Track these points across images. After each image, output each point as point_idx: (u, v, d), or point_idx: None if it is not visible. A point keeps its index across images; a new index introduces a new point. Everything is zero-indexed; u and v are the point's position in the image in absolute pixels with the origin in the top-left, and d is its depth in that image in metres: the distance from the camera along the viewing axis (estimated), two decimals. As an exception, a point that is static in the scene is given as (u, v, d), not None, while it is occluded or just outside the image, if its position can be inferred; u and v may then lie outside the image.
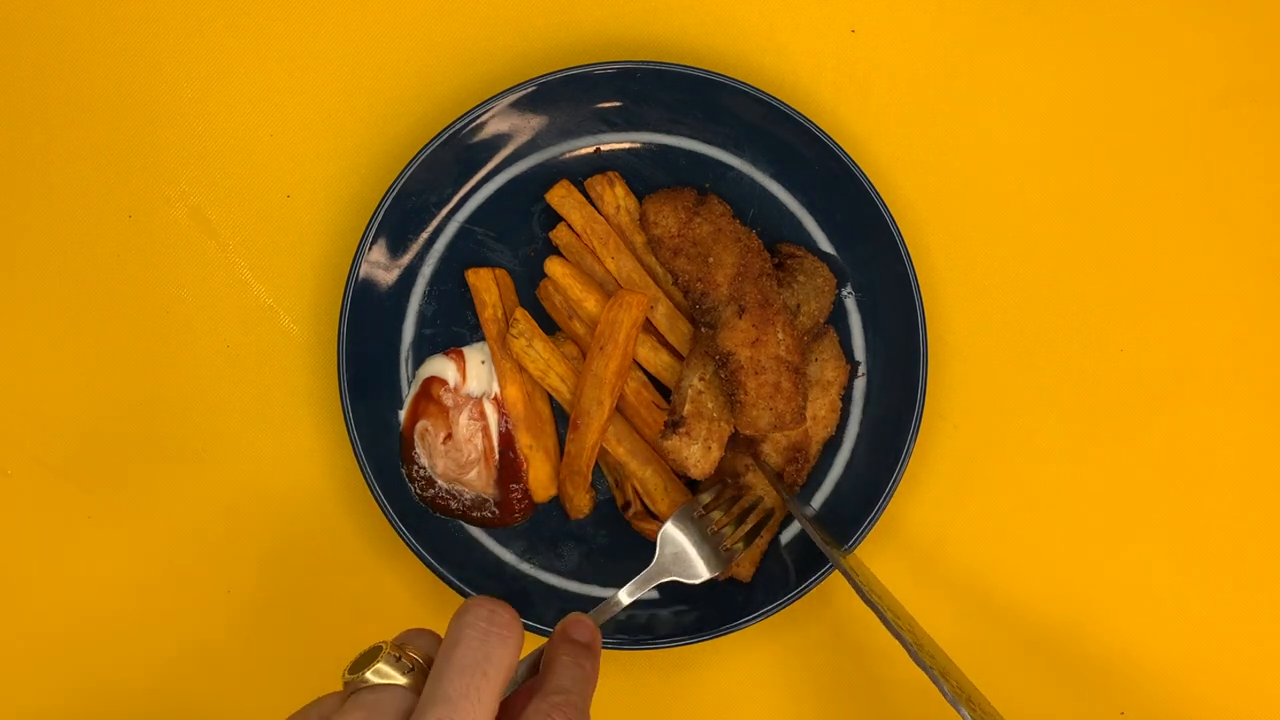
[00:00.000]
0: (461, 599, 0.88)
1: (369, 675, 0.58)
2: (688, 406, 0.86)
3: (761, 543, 0.89)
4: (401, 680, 0.58)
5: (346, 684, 0.59)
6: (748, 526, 0.87)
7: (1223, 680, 0.92)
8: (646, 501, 0.90)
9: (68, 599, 0.93)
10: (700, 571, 0.84)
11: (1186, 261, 0.94)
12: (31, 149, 0.93)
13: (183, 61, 0.93)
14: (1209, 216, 0.94)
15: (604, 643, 0.87)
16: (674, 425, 0.85)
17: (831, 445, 0.90)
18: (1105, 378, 0.94)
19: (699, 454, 0.85)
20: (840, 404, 0.90)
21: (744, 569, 0.89)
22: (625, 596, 0.80)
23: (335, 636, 0.92)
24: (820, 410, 0.89)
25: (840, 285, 0.90)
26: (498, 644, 0.57)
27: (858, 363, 0.90)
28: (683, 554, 0.84)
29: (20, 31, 0.93)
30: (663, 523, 0.85)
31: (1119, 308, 0.94)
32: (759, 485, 0.89)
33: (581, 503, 0.90)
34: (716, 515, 0.87)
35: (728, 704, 0.93)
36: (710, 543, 0.85)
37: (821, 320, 0.89)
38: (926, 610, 0.87)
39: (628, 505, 0.91)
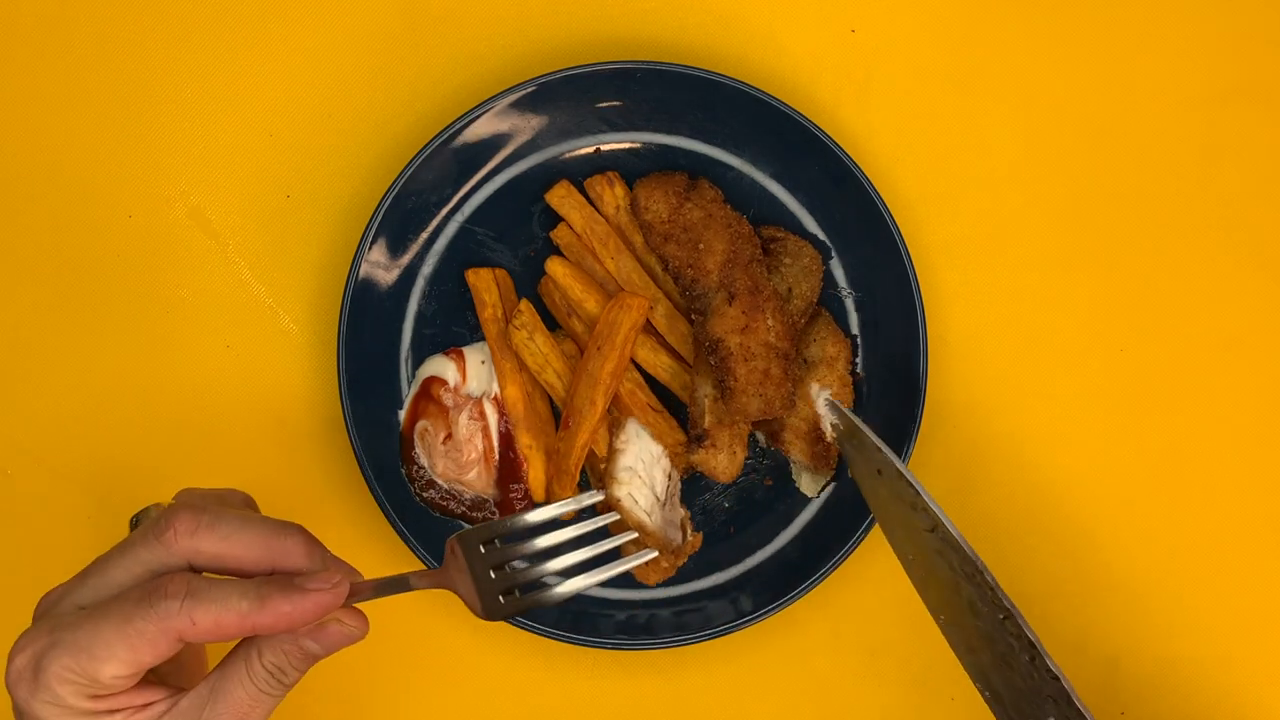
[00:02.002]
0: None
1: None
2: (708, 418, 0.86)
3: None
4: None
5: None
6: (557, 566, 0.73)
7: (1223, 680, 0.92)
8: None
9: (68, 599, 0.93)
10: (476, 609, 0.71)
11: (1186, 261, 0.94)
12: (32, 149, 0.93)
13: (183, 61, 0.93)
14: (1208, 216, 0.94)
15: (604, 642, 0.87)
16: (699, 439, 0.86)
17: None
18: (1105, 377, 0.94)
19: (726, 461, 0.86)
20: (850, 377, 0.90)
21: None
22: (414, 580, 0.70)
23: (335, 636, 0.92)
24: (832, 386, 0.89)
25: (825, 260, 0.90)
26: (153, 528, 0.68)
27: (855, 335, 0.90)
28: (464, 579, 0.71)
29: (21, 32, 0.93)
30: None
31: (1119, 308, 0.94)
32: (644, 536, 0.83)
33: (568, 504, 0.89)
34: (507, 546, 0.72)
35: (728, 704, 0.93)
36: (491, 586, 0.71)
37: (814, 300, 0.89)
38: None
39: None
